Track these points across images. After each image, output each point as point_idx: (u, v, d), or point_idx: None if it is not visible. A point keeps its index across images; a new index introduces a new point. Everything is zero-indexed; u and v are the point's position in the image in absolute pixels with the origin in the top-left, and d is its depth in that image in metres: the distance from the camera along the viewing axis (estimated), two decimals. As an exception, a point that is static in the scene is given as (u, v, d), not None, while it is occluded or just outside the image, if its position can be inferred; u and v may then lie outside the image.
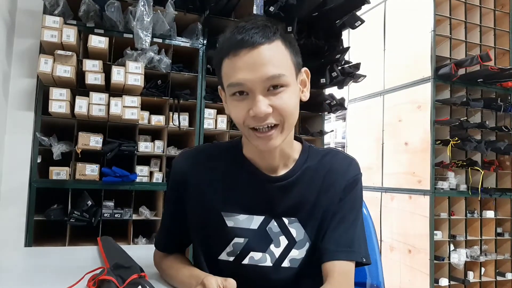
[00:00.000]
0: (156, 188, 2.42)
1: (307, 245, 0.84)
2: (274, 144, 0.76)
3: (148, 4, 2.18)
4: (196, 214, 0.87)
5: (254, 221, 0.84)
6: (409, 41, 3.32)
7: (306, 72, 0.83)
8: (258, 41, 0.72)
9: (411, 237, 3.14)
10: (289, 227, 0.84)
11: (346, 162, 0.88)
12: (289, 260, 0.83)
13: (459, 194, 3.10)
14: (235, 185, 0.85)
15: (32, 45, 2.24)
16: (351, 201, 0.85)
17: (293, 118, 0.77)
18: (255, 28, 0.73)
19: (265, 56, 0.72)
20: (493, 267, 3.16)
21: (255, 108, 0.73)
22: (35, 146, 2.18)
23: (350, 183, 0.85)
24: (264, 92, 0.73)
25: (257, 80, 0.72)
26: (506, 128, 3.22)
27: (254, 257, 0.83)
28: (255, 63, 0.72)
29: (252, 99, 0.73)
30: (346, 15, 2.38)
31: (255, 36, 0.72)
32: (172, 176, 0.91)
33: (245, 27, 0.73)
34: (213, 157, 0.88)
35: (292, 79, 0.76)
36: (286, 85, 0.74)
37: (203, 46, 2.56)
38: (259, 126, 0.74)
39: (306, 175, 0.85)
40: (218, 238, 0.84)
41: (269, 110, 0.73)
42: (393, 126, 3.46)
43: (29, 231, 2.14)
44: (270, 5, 2.35)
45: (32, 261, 1.11)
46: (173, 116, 2.46)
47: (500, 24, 3.40)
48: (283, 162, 0.85)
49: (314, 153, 0.89)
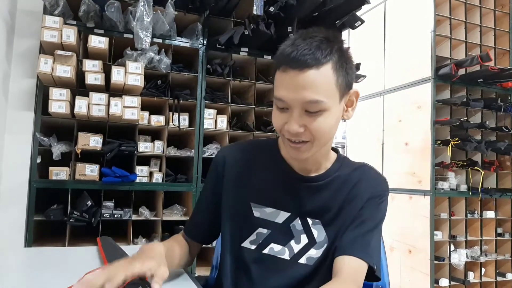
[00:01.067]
0: (156, 188, 2.42)
1: (325, 246, 0.88)
2: (302, 156, 0.81)
3: (148, 4, 2.18)
4: (228, 201, 0.92)
5: (280, 216, 0.88)
6: (409, 41, 3.32)
7: (355, 93, 0.84)
8: (306, 64, 0.73)
9: (411, 237, 3.14)
10: (312, 228, 0.88)
11: (377, 178, 0.93)
12: (306, 257, 0.87)
13: (460, 195, 3.10)
14: (267, 180, 0.90)
15: (32, 45, 2.24)
16: (373, 211, 0.89)
17: (326, 138, 0.81)
18: (308, 49, 0.74)
19: (308, 81, 0.74)
20: (493, 267, 3.16)
21: (288, 124, 0.78)
22: (35, 146, 2.17)
23: (375, 196, 0.90)
24: (301, 112, 0.76)
25: (296, 101, 0.75)
26: (506, 128, 3.22)
27: (274, 249, 0.88)
28: (298, 85, 0.74)
29: (289, 114, 0.78)
30: (346, 15, 2.38)
31: (306, 57, 0.73)
32: (212, 166, 0.97)
33: (300, 46, 0.74)
34: (251, 152, 0.95)
35: (333, 103, 0.77)
36: (323, 109, 0.76)
37: (203, 46, 2.56)
38: (291, 139, 0.79)
39: (335, 182, 0.89)
40: (244, 226, 0.90)
41: (301, 130, 0.77)
42: (393, 126, 3.46)
43: (29, 231, 2.14)
44: (270, 5, 2.35)
45: (32, 261, 1.10)
46: (173, 116, 2.45)
47: (500, 24, 3.40)
48: (315, 167, 0.90)
49: (347, 164, 0.93)
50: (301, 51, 0.74)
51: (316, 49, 0.74)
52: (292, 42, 0.77)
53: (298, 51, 0.74)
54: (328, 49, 0.75)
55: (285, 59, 0.76)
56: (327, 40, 0.77)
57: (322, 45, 0.75)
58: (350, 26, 2.46)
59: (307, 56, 0.74)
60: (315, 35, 0.77)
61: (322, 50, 0.75)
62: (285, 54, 0.76)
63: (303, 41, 0.76)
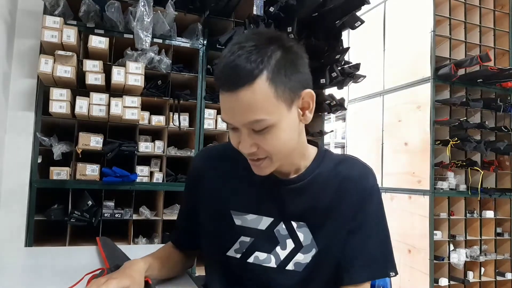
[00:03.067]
0: (156, 188, 2.42)
1: (313, 251, 0.83)
2: (265, 172, 0.78)
3: (148, 5, 2.18)
4: (207, 210, 0.89)
5: (263, 222, 0.84)
6: (409, 41, 3.32)
7: (308, 94, 0.75)
8: (237, 84, 0.67)
9: (411, 237, 3.14)
10: (297, 231, 0.83)
11: (363, 171, 0.87)
12: (293, 263, 0.83)
13: (459, 194, 3.10)
14: (247, 186, 0.86)
15: (32, 46, 2.24)
16: (369, 215, 0.85)
17: (284, 151, 0.75)
18: (235, 66, 0.67)
19: (243, 102, 0.68)
20: (492, 267, 3.16)
21: (241, 145, 0.74)
22: (36, 146, 2.18)
23: (366, 196, 0.84)
24: (249, 131, 0.72)
25: (239, 123, 0.71)
26: (506, 128, 3.23)
27: (259, 257, 0.84)
28: (234, 108, 0.70)
29: (240, 134, 0.74)
30: (346, 16, 2.38)
31: (234, 76, 0.67)
32: (189, 172, 0.96)
33: (228, 62, 0.68)
34: (229, 157, 0.88)
35: (279, 116, 0.71)
36: (270, 126, 0.70)
37: (203, 46, 2.56)
38: (249, 157, 0.76)
39: (318, 181, 0.84)
40: (226, 235, 0.86)
41: (253, 149, 0.73)
42: (392, 126, 3.47)
43: (29, 231, 2.15)
44: (270, 5, 2.35)
45: (32, 261, 1.11)
46: (173, 116, 2.46)
47: (500, 24, 3.40)
48: (294, 168, 0.84)
49: (329, 160, 0.87)
50: (229, 68, 0.68)
51: (246, 62, 0.67)
52: (223, 56, 0.70)
53: (226, 69, 0.69)
54: (259, 59, 0.67)
55: (217, 78, 0.71)
56: (258, 48, 0.68)
57: (251, 56, 0.67)
58: (350, 26, 2.46)
59: (235, 74, 0.67)
60: (244, 45, 0.69)
61: (251, 62, 0.67)
62: (217, 72, 0.72)
63: (232, 55, 0.68)
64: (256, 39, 0.70)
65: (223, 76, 0.69)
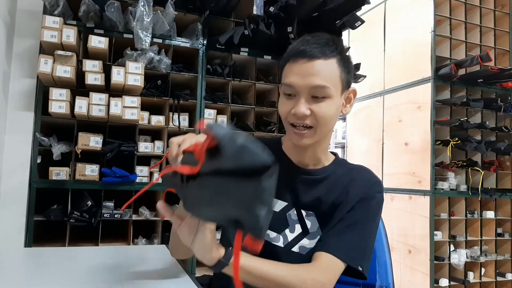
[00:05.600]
0: (156, 188, 2.41)
1: (318, 238, 0.92)
2: (305, 142, 0.88)
3: (148, 4, 2.18)
4: None
5: (278, 205, 0.94)
6: (409, 41, 3.32)
7: (353, 91, 0.93)
8: (315, 55, 0.84)
9: (411, 238, 3.14)
10: (306, 219, 0.93)
11: (372, 178, 0.97)
12: (299, 246, 0.92)
13: (459, 195, 3.10)
14: None
15: (32, 45, 2.24)
16: (363, 212, 0.91)
17: (328, 125, 0.88)
18: (316, 44, 0.85)
19: (316, 68, 0.83)
20: (493, 267, 3.16)
21: (296, 107, 0.85)
22: (35, 147, 2.17)
23: (367, 197, 0.92)
24: (308, 98, 0.85)
25: (304, 86, 0.84)
26: (506, 128, 3.22)
27: (270, 235, 0.93)
28: (307, 72, 0.84)
29: (297, 100, 0.86)
30: (346, 15, 2.38)
31: (314, 50, 0.84)
32: None
33: (309, 41, 0.86)
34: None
35: (336, 93, 0.86)
36: (328, 96, 0.85)
37: (203, 46, 2.56)
38: (297, 123, 0.86)
39: (331, 178, 0.95)
40: None
41: (307, 112, 0.84)
42: (393, 126, 3.46)
43: (29, 231, 2.14)
44: (270, 5, 2.35)
45: (32, 261, 1.11)
46: (173, 116, 2.46)
47: (500, 24, 3.40)
48: (314, 162, 0.96)
49: (344, 165, 1.00)
50: (311, 45, 0.85)
51: (324, 45, 0.85)
52: (301, 39, 0.88)
53: (308, 45, 0.85)
54: (334, 47, 0.86)
55: (295, 52, 0.86)
56: (332, 41, 0.87)
57: (329, 43, 0.86)
58: (350, 26, 2.46)
59: (316, 49, 0.84)
60: (322, 36, 0.88)
61: (329, 46, 0.85)
62: (295, 48, 0.87)
63: (312, 38, 0.87)
64: (323, 36, 0.88)
65: (304, 48, 0.85)
